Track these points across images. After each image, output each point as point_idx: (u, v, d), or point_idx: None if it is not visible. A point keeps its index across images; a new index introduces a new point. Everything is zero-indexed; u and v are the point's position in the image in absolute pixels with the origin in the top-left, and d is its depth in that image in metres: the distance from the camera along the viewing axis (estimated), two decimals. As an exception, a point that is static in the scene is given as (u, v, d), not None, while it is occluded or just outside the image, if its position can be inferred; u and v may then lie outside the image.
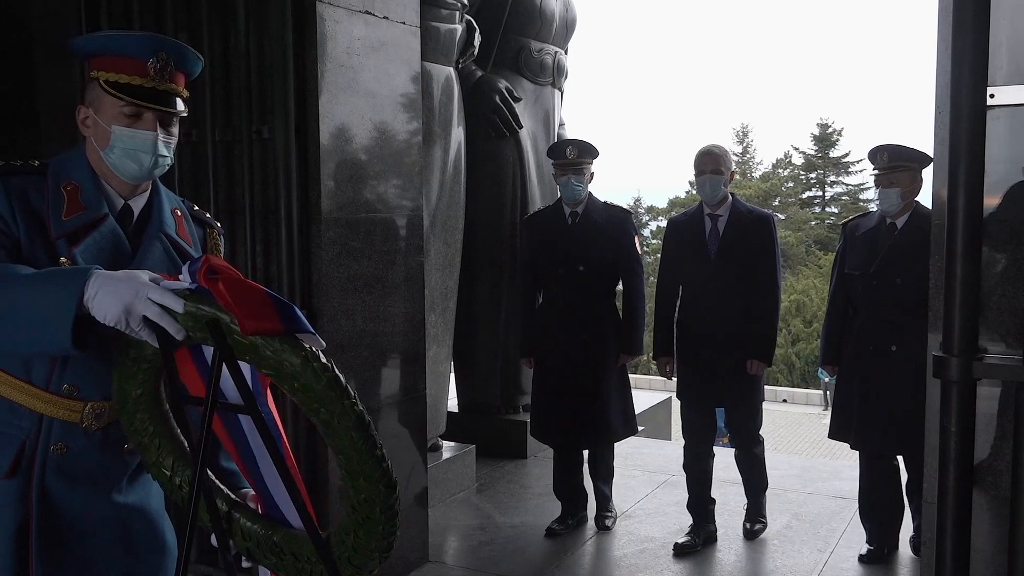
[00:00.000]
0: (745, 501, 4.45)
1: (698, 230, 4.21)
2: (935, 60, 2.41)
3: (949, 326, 2.22)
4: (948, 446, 2.24)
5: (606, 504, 4.55)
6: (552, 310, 4.39)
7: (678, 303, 4.29)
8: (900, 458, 4.03)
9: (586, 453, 4.54)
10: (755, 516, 4.41)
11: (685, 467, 4.34)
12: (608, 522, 4.50)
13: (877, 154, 3.90)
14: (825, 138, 39.17)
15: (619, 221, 4.39)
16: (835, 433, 4.10)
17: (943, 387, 2.23)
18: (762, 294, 4.14)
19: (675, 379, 4.36)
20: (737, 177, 4.98)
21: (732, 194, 4.23)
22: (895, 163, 3.83)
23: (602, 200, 4.43)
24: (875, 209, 4.07)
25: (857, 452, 4.05)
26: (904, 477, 4.09)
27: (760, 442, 4.35)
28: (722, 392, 4.23)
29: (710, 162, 4.12)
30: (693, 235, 4.22)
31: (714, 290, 4.12)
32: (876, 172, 3.91)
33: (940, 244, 2.30)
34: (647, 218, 39.61)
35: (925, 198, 3.82)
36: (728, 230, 4.14)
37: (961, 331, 2.20)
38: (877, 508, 4.05)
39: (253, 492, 1.82)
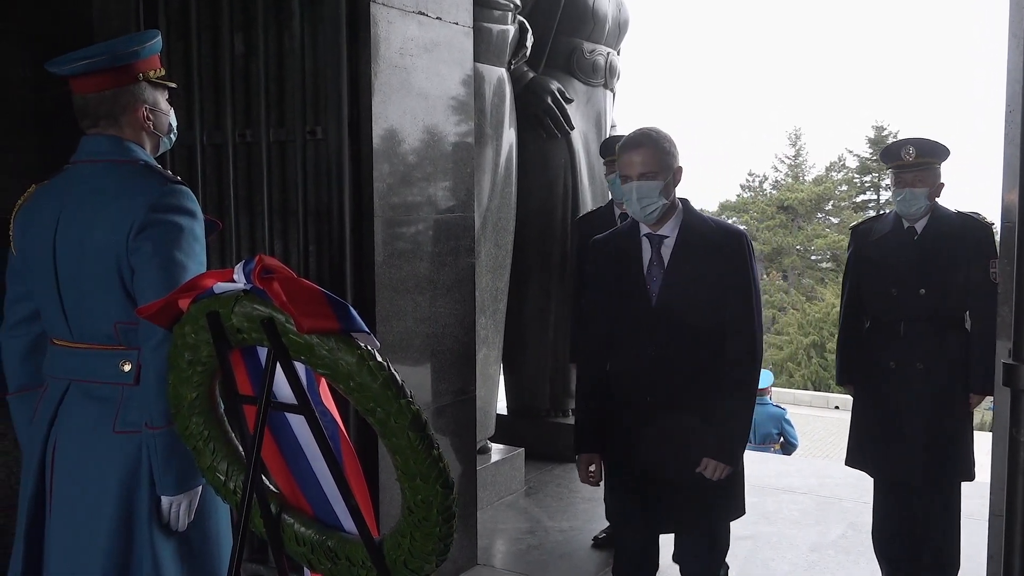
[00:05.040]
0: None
1: (631, 259, 2.77)
2: (1006, 58, 2.34)
3: (1019, 332, 2.15)
4: (1017, 456, 2.17)
5: None
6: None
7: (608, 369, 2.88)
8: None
9: None
10: None
11: None
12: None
13: (901, 149, 3.42)
14: (880, 141, 38.34)
15: None
16: (853, 460, 3.62)
17: (1012, 396, 2.16)
18: (732, 355, 2.72)
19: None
20: (790, 180, 4.62)
21: (683, 201, 2.79)
22: (923, 159, 3.38)
23: None
24: (889, 211, 3.62)
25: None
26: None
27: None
28: (667, 514, 2.79)
29: (637, 164, 2.67)
30: (624, 267, 2.79)
31: (656, 354, 2.73)
32: (899, 170, 3.44)
33: (1010, 248, 2.23)
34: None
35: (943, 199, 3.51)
36: (677, 258, 2.73)
37: (1032, 338, 2.13)
38: (896, 544, 3.57)
39: None
